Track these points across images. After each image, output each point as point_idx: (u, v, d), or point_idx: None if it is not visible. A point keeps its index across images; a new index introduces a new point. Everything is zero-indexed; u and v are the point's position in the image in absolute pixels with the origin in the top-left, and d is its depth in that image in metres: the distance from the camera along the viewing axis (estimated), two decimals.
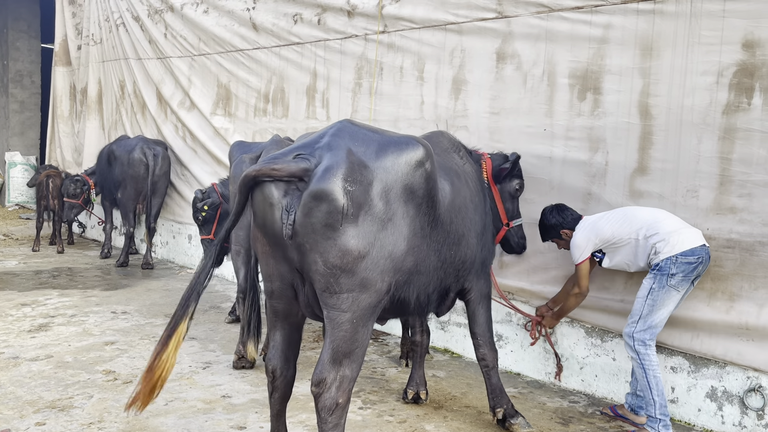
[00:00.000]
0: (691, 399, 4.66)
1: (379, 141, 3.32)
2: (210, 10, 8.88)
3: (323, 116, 7.37)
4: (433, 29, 6.14)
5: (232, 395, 4.90)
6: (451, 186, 3.86)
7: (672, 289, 4.24)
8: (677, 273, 4.20)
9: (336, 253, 3.08)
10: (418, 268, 3.53)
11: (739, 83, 4.37)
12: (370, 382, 5.28)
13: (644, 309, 4.30)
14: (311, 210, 3.06)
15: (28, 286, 8.09)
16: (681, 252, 4.19)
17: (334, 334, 3.19)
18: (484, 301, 4.45)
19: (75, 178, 10.24)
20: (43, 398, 4.69)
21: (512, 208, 4.91)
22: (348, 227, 3.08)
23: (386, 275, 3.24)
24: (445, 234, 3.68)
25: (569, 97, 5.22)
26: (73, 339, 6.07)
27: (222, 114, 8.90)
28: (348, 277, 3.12)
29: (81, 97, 12.29)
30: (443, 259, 3.72)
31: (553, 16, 5.26)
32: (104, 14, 11.20)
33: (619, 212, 4.57)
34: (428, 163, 3.41)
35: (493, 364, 4.47)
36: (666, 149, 4.70)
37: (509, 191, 4.88)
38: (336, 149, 3.17)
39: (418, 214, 3.38)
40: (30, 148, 15.61)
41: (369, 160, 3.20)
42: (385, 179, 3.21)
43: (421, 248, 3.47)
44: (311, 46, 7.46)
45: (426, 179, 3.39)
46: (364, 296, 3.19)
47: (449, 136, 4.64)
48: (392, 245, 3.24)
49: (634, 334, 4.34)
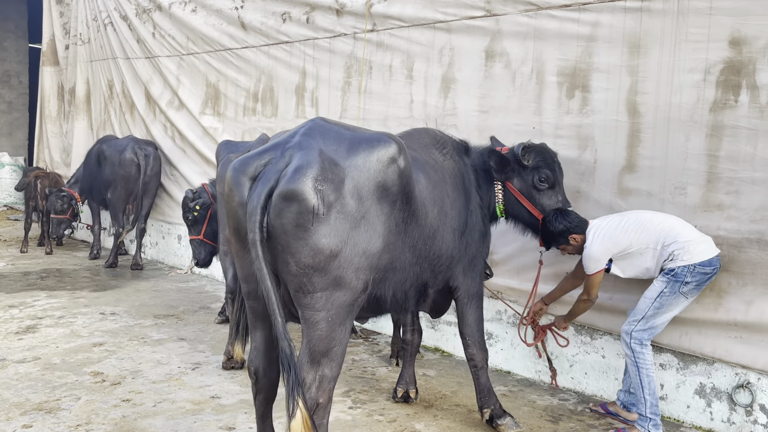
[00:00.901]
0: (680, 396, 4.67)
1: (351, 139, 3.30)
2: (198, 9, 8.84)
3: (312, 115, 7.34)
4: (422, 28, 6.13)
5: (222, 396, 4.87)
6: (427, 180, 3.83)
7: (682, 296, 4.22)
8: (691, 281, 4.17)
9: (308, 252, 3.06)
10: (394, 265, 3.53)
11: (726, 80, 4.38)
12: (360, 382, 5.27)
13: (649, 310, 4.27)
14: (281, 211, 3.05)
15: (15, 288, 8.03)
16: (700, 262, 4.15)
17: (311, 334, 3.18)
18: (473, 301, 4.41)
19: (61, 194, 9.96)
20: (30, 400, 4.65)
21: (549, 201, 4.56)
22: (319, 226, 3.06)
23: (361, 273, 3.22)
24: (420, 229, 3.65)
25: (558, 95, 5.22)
26: (61, 340, 6.02)
27: (211, 113, 8.86)
28: (321, 276, 3.11)
29: (69, 97, 12.21)
30: (418, 254, 3.70)
31: (542, 14, 5.27)
32: (92, 13, 11.13)
33: (632, 219, 4.39)
34: (401, 159, 3.37)
35: (481, 364, 4.45)
36: (654, 147, 4.71)
37: (531, 184, 4.56)
38: (306, 148, 3.15)
39: (392, 211, 3.36)
40: (18, 148, 15.53)
41: (340, 158, 3.18)
42: (356, 177, 3.19)
43: (396, 245, 3.46)
44: (300, 45, 7.43)
45: (399, 175, 3.35)
46: (339, 294, 3.18)
47: (434, 132, 4.55)
48: (366, 243, 3.21)
49: (633, 332, 4.32)
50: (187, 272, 9.25)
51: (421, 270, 3.80)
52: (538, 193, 4.56)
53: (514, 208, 4.62)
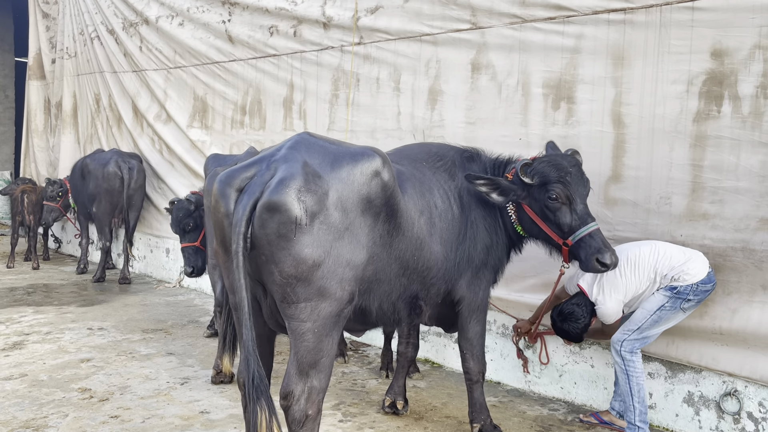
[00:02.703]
0: (668, 404, 4.70)
1: (335, 152, 3.38)
2: (185, 22, 8.85)
3: (301, 128, 7.36)
4: (409, 40, 6.17)
5: (211, 411, 4.85)
6: (413, 192, 3.81)
7: (681, 311, 4.25)
8: (693, 299, 4.21)
9: (291, 262, 3.13)
10: (378, 276, 3.56)
11: (708, 91, 4.44)
12: (350, 394, 5.26)
13: (646, 322, 4.28)
14: (265, 221, 3.12)
15: (2, 304, 7.96)
16: (700, 280, 4.18)
17: (298, 345, 3.24)
18: (475, 314, 4.30)
19: (53, 180, 10.36)
20: (17, 418, 4.61)
21: (566, 219, 4.05)
22: (302, 236, 3.13)
23: (346, 284, 3.28)
24: (406, 241, 3.66)
25: (543, 106, 5.27)
26: (48, 357, 5.97)
27: (199, 126, 8.86)
28: (304, 286, 3.17)
29: (56, 111, 12.16)
30: (405, 265, 3.71)
31: (527, 27, 5.32)
32: (78, 27, 11.12)
33: (622, 262, 4.23)
34: (384, 172, 3.42)
35: (477, 378, 4.40)
36: (639, 157, 4.76)
37: (543, 203, 4.08)
38: (291, 161, 3.23)
39: (376, 223, 3.42)
40: (4, 162, 15.42)
41: (323, 171, 3.26)
42: (340, 189, 3.26)
43: (381, 256, 3.50)
44: (288, 58, 7.46)
45: (383, 188, 3.41)
46: (324, 305, 3.23)
47: (430, 146, 4.49)
48: (350, 254, 3.27)
49: (625, 341, 4.33)
50: (176, 286, 9.21)
51: (409, 281, 3.80)
52: (551, 212, 4.06)
53: (531, 229, 4.24)
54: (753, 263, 4.29)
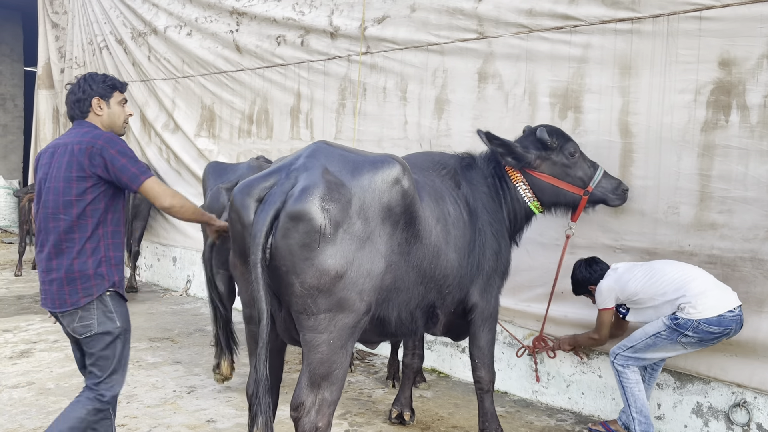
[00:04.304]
0: (677, 415, 4.66)
1: (355, 160, 3.34)
2: (193, 32, 8.91)
3: (307, 137, 7.39)
4: (416, 50, 6.19)
5: (217, 420, 4.84)
6: (429, 200, 3.79)
7: (679, 345, 4.17)
8: (693, 336, 4.09)
9: (313, 273, 3.06)
10: (397, 285, 3.49)
11: (716, 101, 4.43)
12: (356, 404, 5.24)
13: (641, 344, 4.25)
14: (288, 231, 3.05)
15: (9, 312, 7.99)
16: (705, 319, 4.03)
17: (312, 357, 3.16)
18: (487, 323, 4.29)
19: None
20: (24, 426, 4.61)
21: (583, 171, 4.49)
22: (326, 247, 3.06)
23: (365, 295, 3.21)
24: (423, 249, 3.61)
25: (550, 115, 5.26)
26: (55, 365, 5.98)
27: (206, 136, 8.90)
28: (325, 297, 3.10)
29: (64, 121, 12.24)
30: (422, 274, 3.65)
31: (533, 37, 5.33)
32: (87, 37, 11.20)
33: (647, 267, 4.37)
34: (405, 179, 3.39)
35: (488, 387, 4.37)
36: (647, 166, 4.75)
37: (563, 164, 4.45)
38: (311, 169, 3.17)
39: (395, 231, 3.36)
40: (13, 171, 15.52)
41: (345, 178, 3.21)
42: (362, 197, 3.20)
43: (399, 265, 3.44)
44: (295, 68, 7.49)
45: (403, 196, 3.37)
46: (342, 316, 3.17)
47: (432, 155, 4.52)
48: (370, 264, 3.21)
49: (618, 355, 4.35)
50: (182, 294, 9.23)
51: (426, 290, 3.74)
52: (572, 168, 4.47)
53: (551, 195, 4.48)
54: (762, 273, 4.27)
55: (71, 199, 3.36)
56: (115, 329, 3.47)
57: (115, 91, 3.65)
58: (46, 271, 3.42)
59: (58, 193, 3.38)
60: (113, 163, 3.35)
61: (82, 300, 3.37)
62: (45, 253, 3.42)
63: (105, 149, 3.36)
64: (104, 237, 3.45)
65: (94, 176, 3.37)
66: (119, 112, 3.66)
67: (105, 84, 3.62)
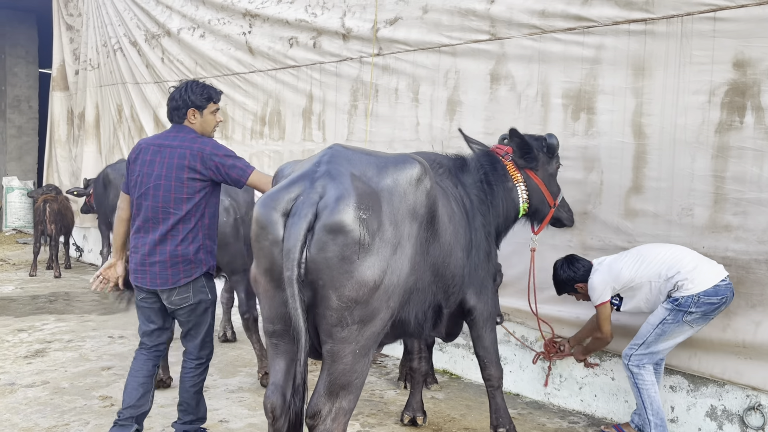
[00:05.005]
0: (690, 418, 4.64)
1: (377, 163, 3.24)
2: (206, 34, 8.95)
3: (320, 138, 7.41)
4: (428, 51, 6.19)
5: (230, 420, 4.87)
6: (442, 198, 3.76)
7: (686, 325, 4.19)
8: (696, 311, 4.13)
9: (353, 285, 2.94)
10: (417, 286, 3.44)
11: (731, 102, 4.40)
12: (368, 405, 5.25)
13: (650, 336, 4.26)
14: (326, 244, 2.91)
15: (24, 312, 8.06)
16: (704, 291, 4.10)
17: (334, 366, 3.06)
18: (489, 322, 4.32)
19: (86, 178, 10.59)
20: (39, 425, 4.66)
21: (556, 187, 4.74)
22: (365, 257, 2.96)
23: (392, 300, 3.13)
24: (440, 247, 3.58)
25: (563, 116, 5.25)
26: (69, 364, 6.03)
27: (219, 137, 8.93)
28: (362, 308, 2.99)
29: (78, 122, 12.34)
30: (436, 272, 3.62)
31: (546, 38, 5.32)
32: (102, 39, 11.29)
33: (634, 253, 4.46)
34: (427, 179, 3.34)
35: (498, 383, 4.40)
36: (660, 168, 4.73)
37: (551, 173, 4.68)
38: (338, 177, 3.04)
39: (419, 232, 3.29)
40: (27, 172, 15.65)
41: (373, 184, 3.11)
42: (390, 201, 3.12)
43: (420, 265, 3.38)
44: (307, 69, 7.51)
45: (426, 195, 3.31)
46: (371, 325, 3.07)
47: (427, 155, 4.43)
48: (401, 268, 3.13)
49: (632, 355, 4.33)
50: None
51: (437, 289, 3.71)
52: (553, 178, 4.71)
53: (536, 201, 4.59)
54: None
55: (182, 197, 3.90)
56: (207, 300, 4.09)
57: (210, 102, 4.11)
58: (149, 255, 3.94)
59: (170, 191, 3.89)
60: (224, 164, 3.90)
61: (182, 280, 3.96)
62: (150, 239, 3.93)
63: (214, 155, 3.91)
64: (202, 228, 3.99)
65: (205, 179, 3.92)
66: (211, 120, 4.14)
67: (202, 96, 4.08)
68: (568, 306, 5.13)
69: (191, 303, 4.03)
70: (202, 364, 4.27)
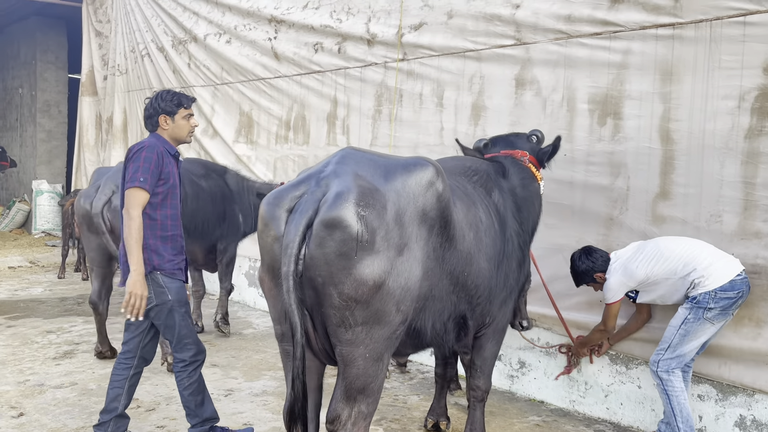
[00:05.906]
0: (719, 428, 4.56)
1: (386, 164, 3.22)
2: (232, 40, 9.04)
3: (344, 143, 7.44)
4: (452, 56, 6.19)
5: (254, 423, 4.89)
6: (461, 204, 3.67)
7: (707, 322, 4.18)
8: (715, 307, 4.13)
9: (351, 283, 2.92)
10: (433, 293, 3.37)
11: (761, 107, 4.34)
12: (392, 410, 5.25)
13: (675, 338, 4.24)
14: (323, 240, 2.92)
15: (53, 313, 8.19)
16: (720, 287, 4.12)
17: (348, 370, 3.05)
18: (497, 335, 4.25)
19: None
20: (67, 426, 4.73)
21: None
22: (363, 255, 2.93)
23: (402, 304, 3.08)
24: (457, 254, 3.48)
25: (589, 122, 5.21)
26: (97, 366, 6.12)
27: (244, 141, 9.02)
28: (364, 308, 2.97)
29: (107, 126, 12.52)
30: (455, 281, 3.52)
31: (572, 43, 5.29)
32: (130, 45, 11.45)
33: (651, 248, 4.42)
34: (439, 182, 3.27)
35: (482, 396, 4.32)
36: (688, 174, 4.67)
37: None
38: (343, 175, 3.06)
39: (430, 236, 3.24)
40: (57, 176, 15.88)
41: (379, 183, 3.09)
42: (397, 202, 3.08)
43: (434, 271, 3.31)
44: (332, 74, 7.55)
45: (438, 199, 3.25)
46: (378, 328, 3.04)
47: (463, 161, 4.45)
48: (408, 272, 3.08)
49: (660, 361, 4.29)
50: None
51: (458, 299, 3.61)
52: None
53: None
54: None
55: None
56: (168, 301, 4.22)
57: (180, 107, 4.20)
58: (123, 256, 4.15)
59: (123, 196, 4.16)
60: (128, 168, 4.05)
61: None
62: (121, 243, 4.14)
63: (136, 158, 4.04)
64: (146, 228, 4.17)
65: None
66: (184, 125, 4.24)
67: (172, 102, 4.18)
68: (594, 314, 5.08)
69: (154, 304, 4.16)
70: (186, 366, 4.27)
